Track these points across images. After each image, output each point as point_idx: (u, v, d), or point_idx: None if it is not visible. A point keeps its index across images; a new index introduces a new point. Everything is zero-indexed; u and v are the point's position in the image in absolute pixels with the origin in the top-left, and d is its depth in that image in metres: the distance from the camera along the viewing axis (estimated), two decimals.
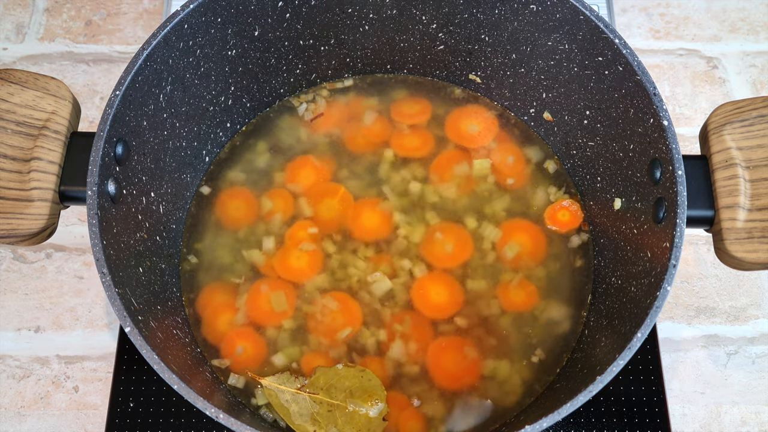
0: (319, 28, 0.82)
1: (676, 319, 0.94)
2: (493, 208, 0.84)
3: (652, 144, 0.70)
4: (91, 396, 0.89)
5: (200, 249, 0.83)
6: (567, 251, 0.83)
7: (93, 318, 0.93)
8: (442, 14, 0.81)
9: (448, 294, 0.80)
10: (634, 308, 0.68)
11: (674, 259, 0.64)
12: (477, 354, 0.78)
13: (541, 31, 0.77)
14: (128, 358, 0.86)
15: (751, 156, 0.71)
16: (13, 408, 0.88)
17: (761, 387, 0.91)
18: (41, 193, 0.69)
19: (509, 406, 0.77)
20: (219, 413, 0.59)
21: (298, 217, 0.83)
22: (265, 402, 0.76)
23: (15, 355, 0.91)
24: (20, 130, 0.71)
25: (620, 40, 0.70)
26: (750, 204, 0.69)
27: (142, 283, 0.71)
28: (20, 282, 0.94)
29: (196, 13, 0.71)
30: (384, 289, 0.80)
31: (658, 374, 0.86)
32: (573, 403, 0.60)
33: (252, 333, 0.79)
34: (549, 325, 0.80)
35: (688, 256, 0.97)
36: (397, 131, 0.88)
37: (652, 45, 1.09)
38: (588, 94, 0.78)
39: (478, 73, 0.87)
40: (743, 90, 1.06)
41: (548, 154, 0.87)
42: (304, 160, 0.86)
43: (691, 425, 0.89)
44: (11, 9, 1.10)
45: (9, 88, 0.72)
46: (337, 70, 0.89)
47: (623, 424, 0.84)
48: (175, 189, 0.81)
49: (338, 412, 0.74)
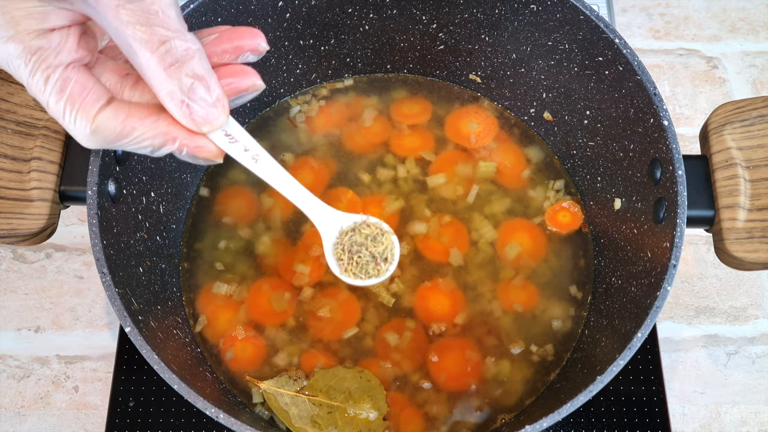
0: (319, 28, 0.82)
1: (676, 319, 0.94)
2: (493, 208, 0.84)
3: (652, 144, 0.70)
4: (91, 396, 0.89)
5: (200, 249, 0.83)
6: (567, 251, 0.83)
7: (93, 318, 0.93)
8: (442, 14, 0.81)
9: (449, 303, 0.80)
10: (634, 308, 0.68)
11: (674, 259, 0.64)
12: (477, 354, 0.78)
13: (541, 31, 0.77)
14: (128, 358, 0.86)
15: (752, 156, 0.71)
16: (13, 408, 0.88)
17: (761, 387, 0.91)
18: (41, 193, 0.69)
19: (509, 406, 0.77)
20: (219, 413, 0.59)
21: (303, 219, 0.83)
22: (260, 400, 0.76)
23: (15, 355, 0.91)
24: (20, 130, 0.71)
25: (620, 40, 0.70)
26: (750, 204, 0.69)
27: (142, 283, 0.71)
28: (20, 282, 0.94)
29: (197, 13, 0.71)
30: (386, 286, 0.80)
31: (658, 374, 0.86)
32: (573, 403, 0.60)
33: (252, 332, 0.79)
34: (549, 325, 0.80)
35: (688, 256, 0.97)
36: (397, 131, 0.88)
37: (652, 45, 1.10)
38: (588, 94, 0.78)
39: (478, 73, 0.87)
40: (743, 90, 1.06)
41: (548, 154, 0.87)
42: (304, 160, 0.86)
43: (691, 425, 0.89)
44: None
45: (9, 88, 0.72)
46: (337, 70, 0.89)
47: (623, 424, 0.84)
48: (175, 189, 0.81)
49: (338, 413, 0.74)
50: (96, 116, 0.47)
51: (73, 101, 0.47)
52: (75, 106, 0.47)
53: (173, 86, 0.46)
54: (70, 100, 0.47)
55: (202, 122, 0.49)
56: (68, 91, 0.46)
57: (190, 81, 0.47)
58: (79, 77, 0.47)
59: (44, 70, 0.46)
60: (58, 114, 0.47)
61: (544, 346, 0.79)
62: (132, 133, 0.48)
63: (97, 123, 0.47)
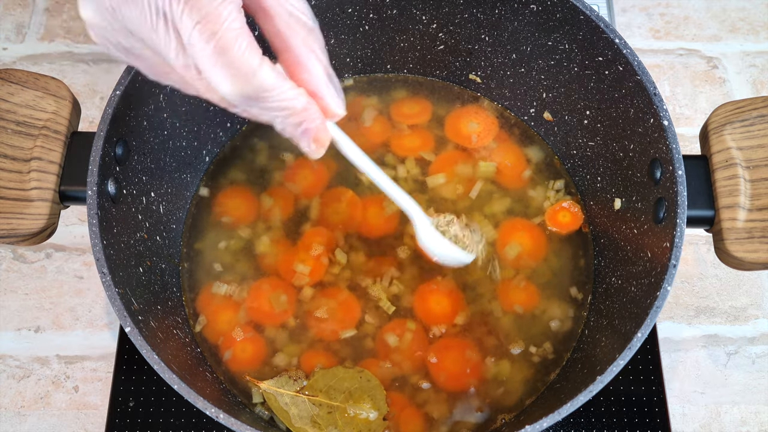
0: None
1: (676, 319, 0.94)
2: (493, 208, 0.84)
3: (652, 144, 0.70)
4: (91, 396, 0.89)
5: (200, 249, 0.83)
6: (567, 251, 0.83)
7: (93, 318, 0.93)
8: (442, 14, 0.81)
9: (449, 303, 0.80)
10: (635, 308, 0.68)
11: (674, 259, 0.64)
12: (477, 354, 0.78)
13: (541, 31, 0.77)
14: (128, 358, 0.86)
15: (752, 156, 0.71)
16: (13, 408, 0.88)
17: (761, 387, 0.91)
18: (41, 193, 0.69)
19: (509, 406, 0.77)
20: (219, 413, 0.59)
21: (303, 219, 0.83)
22: (260, 400, 0.76)
23: (15, 355, 0.91)
24: (20, 130, 0.71)
25: (620, 40, 0.70)
26: (750, 204, 0.69)
27: (142, 283, 0.71)
28: (20, 282, 0.94)
29: None
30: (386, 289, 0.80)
31: (658, 374, 0.86)
32: (573, 403, 0.60)
33: (252, 332, 0.79)
34: (549, 325, 0.80)
35: (688, 256, 0.97)
36: (397, 131, 0.88)
37: (652, 45, 1.10)
38: (588, 94, 0.78)
39: (478, 73, 0.87)
40: (743, 90, 1.06)
41: (548, 154, 0.87)
42: (304, 160, 0.86)
43: (691, 425, 0.89)
44: (11, 9, 1.10)
45: (9, 88, 0.72)
46: (337, 70, 0.88)
47: (623, 424, 0.84)
48: (175, 189, 0.81)
49: (338, 413, 0.74)
50: (260, 65, 0.50)
51: (240, 47, 0.49)
52: (243, 49, 0.49)
53: (326, 71, 0.55)
54: (239, 41, 0.49)
55: (337, 106, 0.56)
56: (238, 36, 0.49)
57: (330, 72, 0.56)
58: (245, 28, 0.49)
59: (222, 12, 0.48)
60: (225, 51, 0.49)
61: (544, 346, 0.79)
62: (281, 94, 0.52)
63: (258, 73, 0.50)
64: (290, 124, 0.54)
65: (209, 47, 0.48)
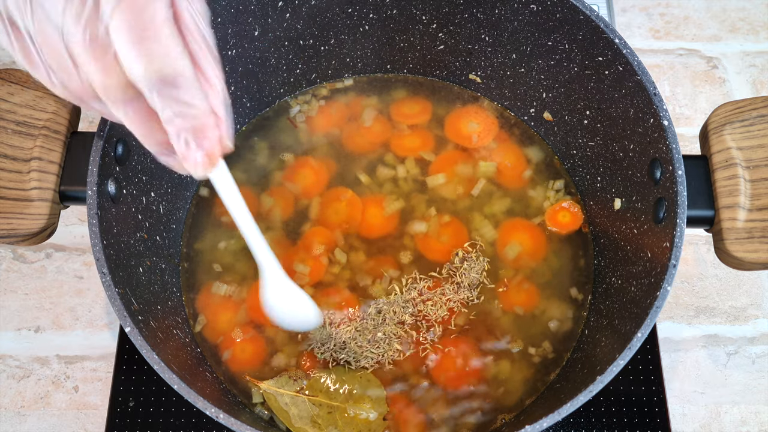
0: (319, 28, 0.82)
1: (676, 319, 0.94)
2: (493, 208, 0.84)
3: (652, 144, 0.70)
4: (91, 396, 0.89)
5: (200, 249, 0.83)
6: (567, 251, 0.83)
7: (93, 318, 0.93)
8: (442, 14, 0.81)
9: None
10: (634, 308, 0.68)
11: (674, 259, 0.64)
12: (477, 354, 0.78)
13: (541, 31, 0.77)
14: (128, 358, 0.86)
15: (752, 156, 0.71)
16: (13, 408, 0.88)
17: (761, 387, 0.91)
18: (41, 193, 0.69)
19: (509, 406, 0.77)
20: (219, 413, 0.59)
21: (303, 219, 0.83)
22: (260, 400, 0.76)
23: (15, 355, 0.91)
24: (20, 130, 0.71)
25: (620, 40, 0.70)
26: (750, 204, 0.69)
27: (142, 283, 0.71)
28: (20, 282, 0.94)
29: None
30: (386, 289, 0.80)
31: (658, 374, 0.86)
32: (573, 403, 0.60)
33: (252, 332, 0.79)
34: (549, 325, 0.80)
35: (688, 256, 0.97)
36: (397, 131, 0.88)
37: (652, 45, 1.10)
38: (588, 94, 0.78)
39: (478, 73, 0.87)
40: (743, 90, 1.06)
41: (548, 154, 0.87)
42: (304, 160, 0.86)
43: (691, 425, 0.89)
44: None
45: (9, 88, 0.72)
46: (337, 70, 0.89)
47: (623, 424, 0.84)
48: (175, 189, 0.81)
49: (338, 413, 0.74)
50: (183, 54, 0.48)
51: (166, 32, 0.48)
52: (168, 34, 0.48)
53: (226, 97, 0.53)
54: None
55: (231, 136, 0.53)
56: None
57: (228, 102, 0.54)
58: (171, 20, 0.48)
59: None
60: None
61: (544, 345, 0.79)
62: (197, 88, 0.50)
63: (180, 59, 0.48)
64: (189, 127, 0.50)
65: (134, 26, 0.46)
